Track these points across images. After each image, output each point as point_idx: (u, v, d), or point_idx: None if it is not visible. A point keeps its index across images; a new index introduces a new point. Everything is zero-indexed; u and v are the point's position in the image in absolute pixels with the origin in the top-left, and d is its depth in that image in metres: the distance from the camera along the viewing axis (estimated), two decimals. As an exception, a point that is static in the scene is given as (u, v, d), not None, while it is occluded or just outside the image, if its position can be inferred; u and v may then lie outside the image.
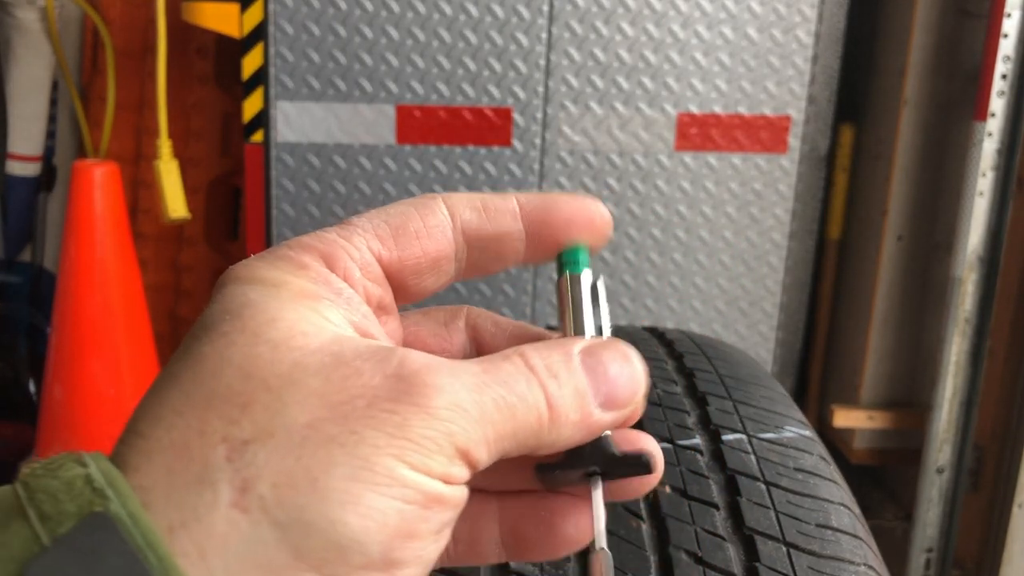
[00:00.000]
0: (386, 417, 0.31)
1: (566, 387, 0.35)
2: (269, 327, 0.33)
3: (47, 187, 2.84)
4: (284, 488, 0.30)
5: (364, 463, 0.30)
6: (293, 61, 2.21)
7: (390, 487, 0.30)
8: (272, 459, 0.30)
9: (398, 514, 0.31)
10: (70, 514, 0.29)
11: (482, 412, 0.33)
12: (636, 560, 0.62)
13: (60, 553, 0.28)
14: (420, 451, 0.31)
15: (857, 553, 0.64)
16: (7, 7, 2.62)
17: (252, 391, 0.31)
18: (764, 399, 0.80)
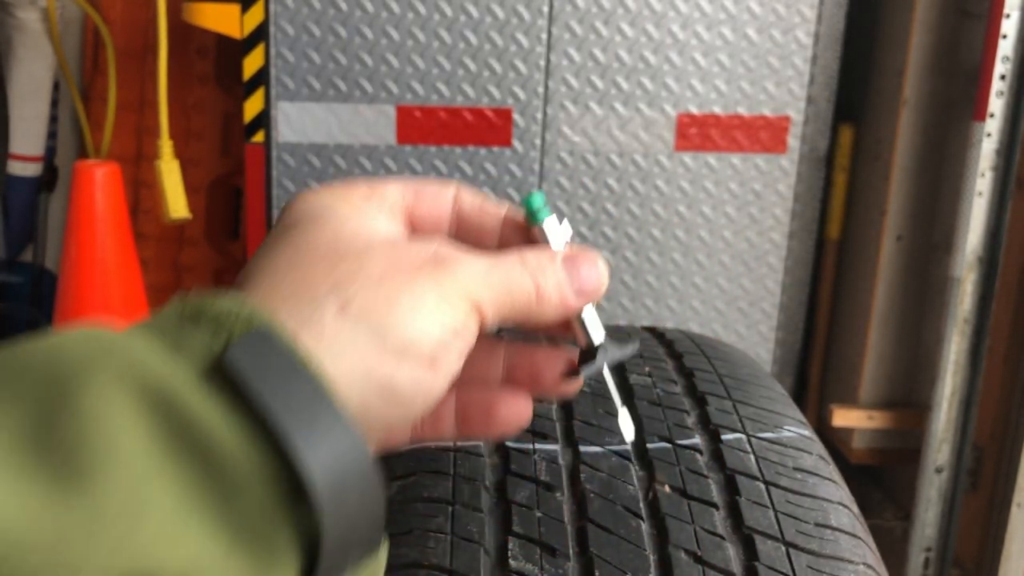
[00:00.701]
0: (428, 274, 0.46)
1: (550, 280, 0.50)
2: (344, 223, 0.48)
3: (48, 187, 2.84)
4: (370, 307, 0.44)
5: (418, 298, 0.45)
6: (294, 62, 2.21)
7: (433, 314, 0.45)
8: (360, 291, 0.45)
9: (438, 331, 0.46)
10: (237, 327, 0.41)
11: (489, 284, 0.48)
12: (635, 559, 0.63)
13: (240, 351, 0.40)
14: (449, 298, 0.46)
15: (856, 552, 0.64)
16: (8, 7, 2.62)
17: (341, 256, 0.46)
18: (763, 399, 0.80)
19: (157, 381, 0.38)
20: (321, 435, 0.40)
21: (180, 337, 0.41)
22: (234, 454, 0.39)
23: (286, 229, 0.49)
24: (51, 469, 0.35)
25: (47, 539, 0.34)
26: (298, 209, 0.50)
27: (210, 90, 2.75)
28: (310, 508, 0.40)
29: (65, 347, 0.39)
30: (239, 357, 0.40)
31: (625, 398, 0.79)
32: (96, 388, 0.37)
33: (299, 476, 0.39)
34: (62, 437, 0.36)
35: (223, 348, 0.40)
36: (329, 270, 0.45)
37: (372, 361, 0.44)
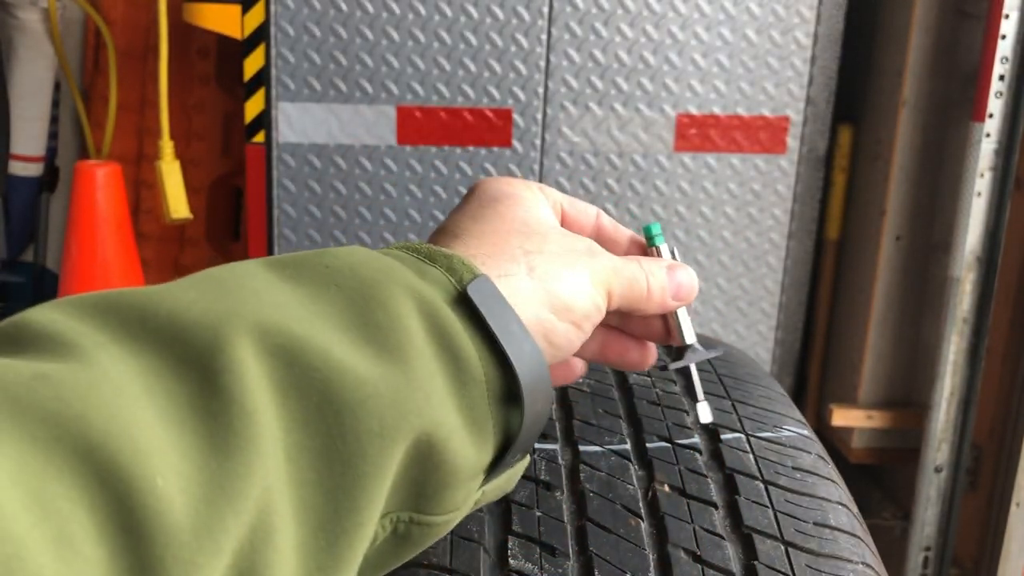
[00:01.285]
0: (586, 260, 0.61)
1: (657, 281, 0.65)
2: (532, 208, 0.64)
3: (49, 187, 2.84)
4: (548, 274, 0.59)
5: (579, 276, 0.60)
6: (294, 62, 2.21)
7: (586, 290, 0.60)
8: (542, 261, 0.59)
9: (588, 303, 0.60)
10: (465, 273, 0.55)
11: (619, 276, 0.63)
12: (635, 559, 0.63)
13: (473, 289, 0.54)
14: (597, 280, 0.61)
15: (855, 552, 0.65)
16: (9, 8, 2.63)
17: (531, 232, 0.61)
18: (762, 398, 0.80)
19: (426, 298, 0.51)
20: (525, 355, 0.54)
21: (422, 270, 0.54)
22: (471, 358, 0.52)
23: (484, 203, 0.64)
24: (376, 344, 0.48)
25: (387, 395, 0.47)
26: (492, 188, 0.65)
27: (211, 91, 2.75)
28: (516, 407, 0.54)
29: (359, 260, 0.52)
30: (473, 293, 0.53)
31: (624, 397, 0.80)
32: (392, 294, 0.50)
33: (514, 383, 0.54)
34: (378, 322, 0.49)
35: (459, 284, 0.54)
36: (523, 240, 0.60)
37: (543, 312, 0.58)
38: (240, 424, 0.41)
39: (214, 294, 0.47)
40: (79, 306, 0.44)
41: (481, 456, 0.54)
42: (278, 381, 0.44)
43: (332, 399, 0.45)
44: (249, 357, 0.43)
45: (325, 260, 0.52)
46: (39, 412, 0.37)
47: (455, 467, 0.51)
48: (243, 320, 0.45)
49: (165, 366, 0.42)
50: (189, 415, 0.41)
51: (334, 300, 0.49)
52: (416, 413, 0.48)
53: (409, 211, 2.32)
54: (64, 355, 0.40)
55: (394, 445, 0.47)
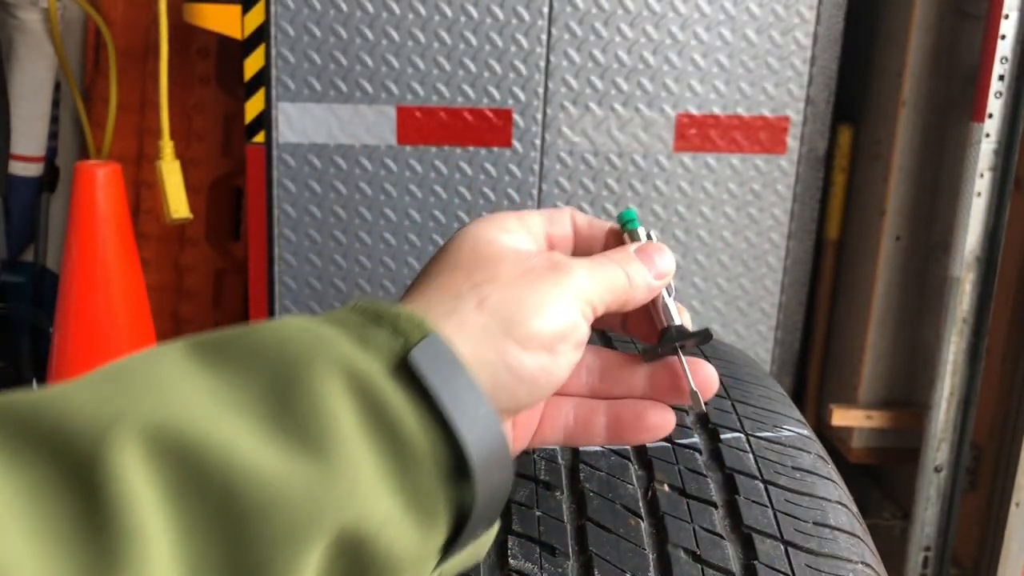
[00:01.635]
0: (550, 278, 0.56)
1: (634, 269, 0.61)
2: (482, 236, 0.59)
3: (49, 187, 2.84)
4: (503, 303, 0.54)
5: (542, 297, 0.55)
6: (294, 62, 2.22)
7: (553, 310, 0.55)
8: (495, 290, 0.54)
9: (558, 324, 0.55)
10: (412, 333, 0.50)
11: (593, 283, 0.58)
12: (635, 558, 0.63)
13: (419, 354, 0.49)
14: (568, 296, 0.56)
15: (855, 551, 0.65)
16: (9, 8, 2.63)
17: (479, 261, 0.57)
18: (762, 398, 0.80)
19: (360, 372, 0.48)
20: (477, 424, 0.50)
21: (366, 335, 0.50)
22: (415, 437, 0.48)
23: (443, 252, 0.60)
24: (291, 436, 0.44)
25: (298, 493, 0.43)
26: (457, 237, 0.60)
27: (211, 91, 2.75)
28: (468, 481, 0.50)
29: (287, 337, 0.48)
30: (419, 360, 0.49)
31: None
32: (318, 375, 0.46)
33: (463, 457, 0.49)
34: (296, 410, 0.45)
35: (403, 349, 0.50)
36: (470, 272, 0.56)
37: (503, 346, 0.53)
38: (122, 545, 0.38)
39: (109, 392, 0.43)
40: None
41: (429, 540, 0.49)
42: (171, 487, 0.41)
43: (233, 503, 0.42)
44: (135, 464, 0.40)
45: (251, 339, 0.48)
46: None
47: (394, 557, 0.47)
48: (133, 421, 0.41)
49: (48, 481, 0.39)
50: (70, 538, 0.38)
51: (252, 387, 0.46)
52: (336, 508, 0.44)
53: (409, 211, 2.32)
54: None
55: (308, 547, 0.43)
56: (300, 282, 2.35)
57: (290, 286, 2.35)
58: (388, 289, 2.36)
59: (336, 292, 2.36)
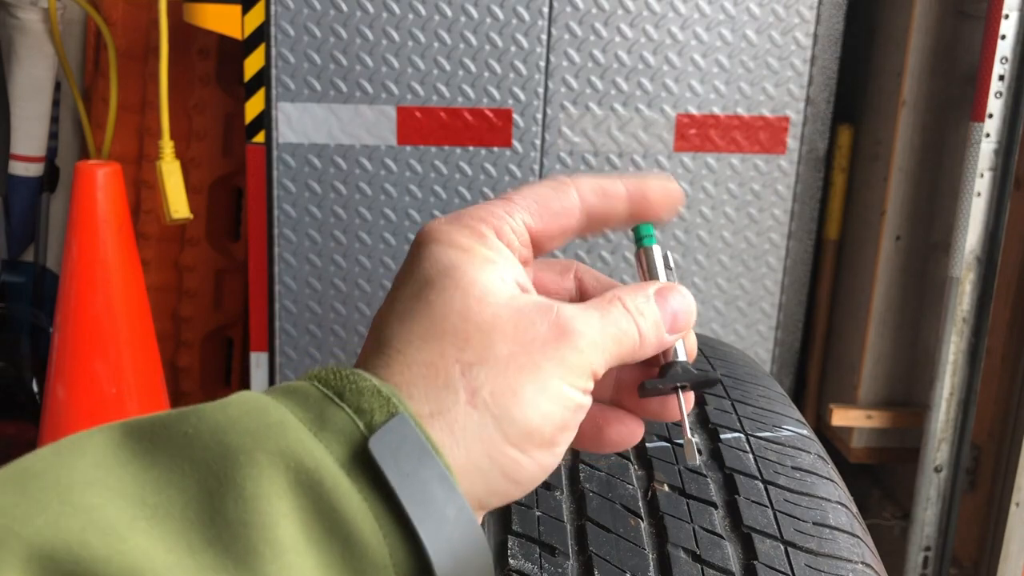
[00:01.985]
0: (552, 353, 0.48)
1: (649, 320, 0.52)
2: (472, 287, 0.48)
3: (50, 187, 2.85)
4: (497, 395, 0.46)
5: (544, 384, 0.47)
6: (294, 63, 2.22)
7: (556, 398, 0.47)
8: (488, 376, 0.46)
9: (561, 414, 0.48)
10: (377, 412, 0.44)
11: (604, 345, 0.49)
12: (634, 558, 0.63)
13: (380, 442, 0.42)
14: (574, 376, 0.48)
15: (854, 551, 0.65)
16: (10, 8, 2.63)
17: (470, 331, 0.47)
18: (762, 398, 0.80)
19: (307, 467, 0.41)
20: (446, 526, 0.43)
21: (324, 414, 0.44)
22: (370, 541, 0.42)
23: (418, 287, 0.50)
24: (218, 550, 0.39)
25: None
26: (428, 261, 0.51)
27: (211, 91, 2.75)
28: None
29: (230, 423, 0.42)
30: (379, 448, 0.43)
31: None
32: (257, 471, 0.40)
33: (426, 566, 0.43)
34: (227, 518, 0.40)
35: (365, 432, 0.43)
36: (460, 348, 0.47)
37: (497, 449, 0.46)
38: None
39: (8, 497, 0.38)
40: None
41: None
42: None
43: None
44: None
45: (188, 425, 0.42)
46: None
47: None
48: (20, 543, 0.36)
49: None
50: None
51: (181, 486, 0.40)
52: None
53: (409, 211, 2.32)
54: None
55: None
56: (300, 282, 2.35)
57: (290, 286, 2.35)
58: (388, 289, 2.36)
59: (336, 292, 2.36)
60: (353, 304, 2.37)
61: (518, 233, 0.53)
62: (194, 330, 2.88)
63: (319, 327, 2.38)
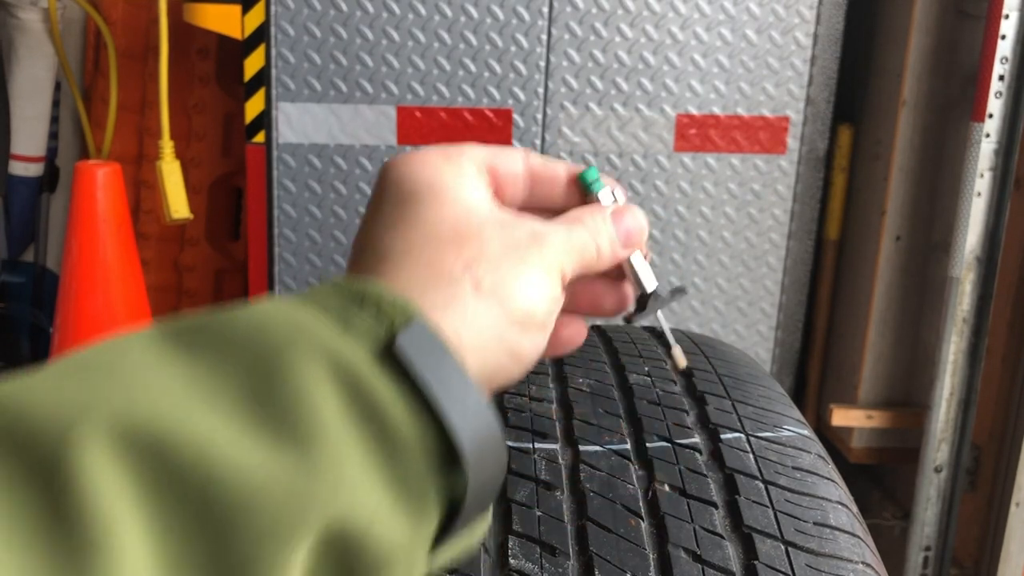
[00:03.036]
0: (534, 251, 0.55)
1: (604, 237, 0.59)
2: (457, 199, 0.55)
3: (50, 187, 2.85)
4: (498, 284, 0.53)
5: (531, 274, 0.54)
6: (295, 63, 2.22)
7: (542, 287, 0.55)
8: (488, 269, 0.53)
9: (547, 302, 0.55)
10: (397, 317, 0.48)
11: (569, 254, 0.57)
12: (635, 558, 0.63)
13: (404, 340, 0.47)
14: (552, 272, 0.55)
15: (855, 551, 0.65)
16: (10, 8, 2.63)
17: (465, 235, 0.54)
18: (762, 398, 0.80)
19: (343, 360, 0.45)
20: (468, 412, 0.48)
21: (347, 318, 0.48)
22: (402, 425, 0.46)
23: (401, 203, 0.56)
24: (272, 428, 0.42)
25: (281, 488, 0.41)
26: (406, 180, 0.56)
27: (211, 91, 2.75)
28: (459, 470, 0.48)
29: (266, 323, 0.46)
30: (404, 345, 0.47)
31: (624, 397, 0.80)
32: (299, 363, 0.44)
33: (454, 445, 0.47)
34: (277, 402, 0.43)
35: (387, 334, 0.48)
36: (458, 249, 0.53)
37: (503, 331, 0.53)
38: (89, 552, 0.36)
39: (73, 385, 0.40)
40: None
41: (420, 531, 0.48)
42: (143, 487, 0.39)
43: (212, 501, 0.39)
44: (103, 464, 0.38)
45: (228, 325, 0.46)
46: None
47: (383, 550, 0.45)
48: (99, 418, 0.39)
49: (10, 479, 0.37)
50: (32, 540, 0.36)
51: (229, 376, 0.43)
52: (322, 503, 0.42)
53: (409, 211, 2.32)
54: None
55: (292, 545, 0.41)
56: (300, 282, 2.35)
57: (290, 286, 2.35)
58: (388, 289, 2.36)
59: (336, 292, 2.36)
60: (353, 304, 2.37)
61: (479, 163, 0.59)
62: (194, 330, 2.87)
63: (319, 327, 2.38)
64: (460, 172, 0.57)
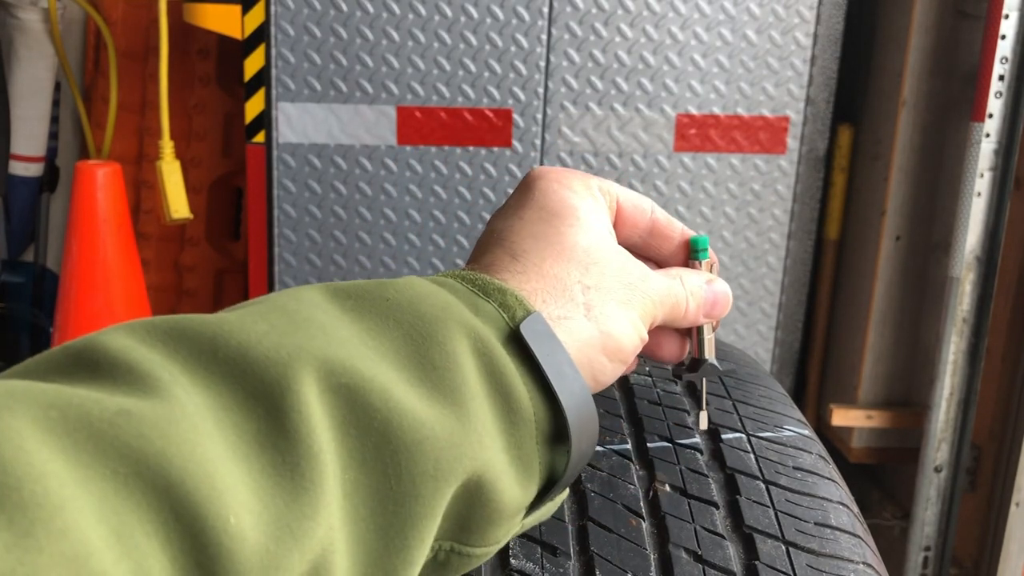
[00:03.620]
0: (639, 292, 0.61)
1: (695, 302, 0.66)
2: (594, 228, 0.62)
3: (50, 187, 2.85)
4: (605, 315, 0.59)
5: (632, 314, 0.61)
6: (294, 63, 2.22)
7: (636, 327, 0.61)
8: (600, 299, 0.59)
9: (637, 341, 0.61)
10: (518, 309, 0.55)
11: (663, 305, 0.63)
12: (636, 558, 0.63)
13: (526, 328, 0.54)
14: (646, 314, 0.62)
15: (856, 552, 0.65)
16: (10, 8, 2.63)
17: (591, 262, 0.60)
18: (763, 398, 0.81)
19: (481, 336, 0.53)
20: (575, 396, 0.55)
21: (476, 305, 0.55)
22: (522, 399, 0.53)
23: (545, 216, 0.62)
24: (432, 385, 0.50)
25: (443, 437, 0.48)
26: (553, 195, 0.63)
27: (211, 91, 2.75)
28: (561, 447, 0.56)
29: (420, 296, 0.53)
30: (526, 332, 0.54)
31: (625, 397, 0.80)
32: (451, 332, 0.51)
33: (562, 423, 0.55)
34: (434, 362, 0.50)
35: (511, 321, 0.55)
36: (582, 272, 0.60)
37: (595, 354, 0.59)
38: (307, 466, 0.43)
39: (283, 328, 0.47)
40: (151, 331, 0.45)
41: (526, 494, 0.55)
42: (340, 420, 0.46)
43: (390, 439, 0.47)
44: (314, 396, 0.45)
45: (386, 293, 0.53)
46: (122, 448, 0.38)
47: (501, 505, 0.53)
48: (310, 357, 0.46)
49: (234, 401, 0.43)
50: (258, 453, 0.42)
51: (393, 337, 0.50)
52: (470, 456, 0.49)
53: (409, 211, 2.32)
54: (142, 388, 0.41)
55: (447, 487, 0.48)
56: (300, 282, 2.35)
57: (290, 286, 2.35)
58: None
59: (336, 292, 2.36)
60: (353, 304, 2.37)
61: (611, 199, 0.66)
62: (194, 330, 2.88)
63: (319, 327, 2.38)
64: (597, 204, 0.64)
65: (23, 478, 0.35)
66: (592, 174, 0.66)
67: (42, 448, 0.36)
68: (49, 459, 0.36)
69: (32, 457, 0.35)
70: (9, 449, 0.35)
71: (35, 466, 0.35)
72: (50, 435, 0.37)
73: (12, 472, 0.35)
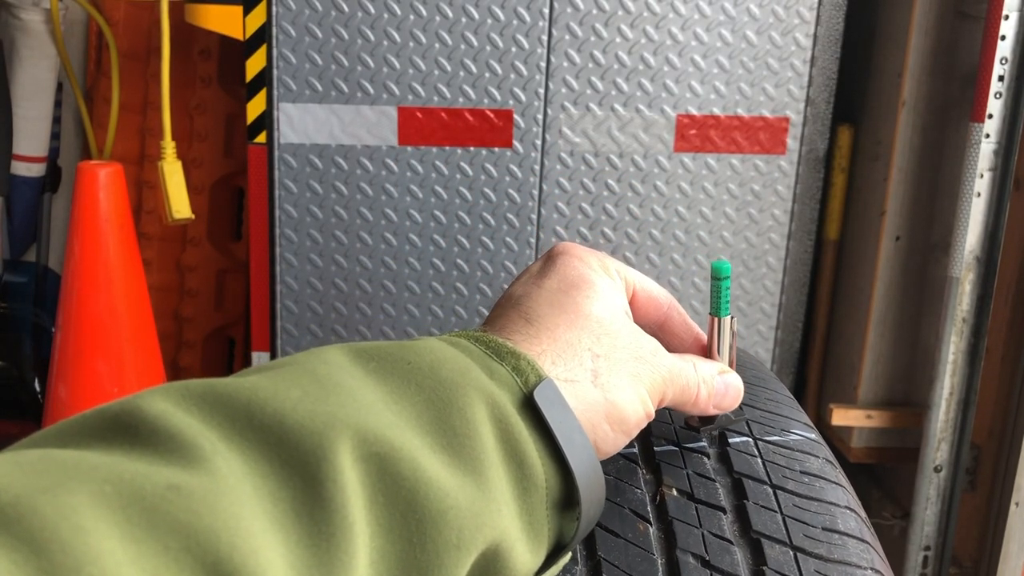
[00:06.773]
0: (649, 367, 0.63)
1: (707, 391, 0.67)
2: (609, 302, 0.64)
3: (52, 188, 2.85)
4: (612, 384, 0.60)
5: (638, 390, 0.61)
6: (296, 63, 2.22)
7: (644, 402, 0.62)
8: (608, 367, 0.60)
9: (642, 415, 0.62)
10: (531, 374, 0.56)
11: (673, 385, 0.65)
12: (643, 563, 0.63)
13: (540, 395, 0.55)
14: (654, 390, 0.63)
15: (864, 557, 0.65)
16: (12, 9, 2.63)
17: (603, 332, 0.62)
18: (769, 401, 0.81)
19: (497, 402, 0.53)
20: (584, 464, 0.56)
21: (491, 368, 0.56)
22: (535, 465, 0.54)
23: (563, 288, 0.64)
24: (453, 452, 0.50)
25: (465, 506, 0.49)
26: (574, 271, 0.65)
27: (213, 91, 2.75)
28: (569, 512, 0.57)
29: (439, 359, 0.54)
30: (539, 399, 0.55)
31: None
32: (470, 398, 0.52)
33: (572, 490, 0.56)
34: (456, 430, 0.51)
35: (524, 387, 0.56)
36: (593, 340, 0.61)
37: (599, 421, 0.60)
38: (342, 537, 0.44)
39: (315, 394, 0.48)
40: (185, 395, 0.46)
41: (535, 560, 0.55)
42: (370, 488, 0.46)
43: (415, 509, 0.47)
44: (348, 465, 0.46)
45: (407, 356, 0.53)
46: (173, 524, 0.39)
47: (514, 573, 0.53)
48: (343, 426, 0.46)
49: (271, 469, 0.44)
50: (294, 523, 0.43)
51: (415, 402, 0.51)
52: (490, 525, 0.50)
53: (410, 212, 2.32)
54: (186, 458, 0.42)
55: (468, 556, 0.49)
56: (301, 282, 2.35)
57: (291, 286, 2.35)
58: (389, 288, 2.36)
59: (337, 292, 2.36)
60: (354, 304, 2.38)
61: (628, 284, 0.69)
62: (196, 330, 2.88)
63: (320, 327, 2.38)
64: (614, 283, 0.67)
65: (81, 559, 0.36)
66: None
67: (99, 525, 0.37)
68: (106, 536, 0.37)
69: (89, 537, 0.37)
70: (67, 529, 0.37)
71: (92, 546, 0.37)
72: (106, 511, 0.38)
73: (71, 553, 0.36)
